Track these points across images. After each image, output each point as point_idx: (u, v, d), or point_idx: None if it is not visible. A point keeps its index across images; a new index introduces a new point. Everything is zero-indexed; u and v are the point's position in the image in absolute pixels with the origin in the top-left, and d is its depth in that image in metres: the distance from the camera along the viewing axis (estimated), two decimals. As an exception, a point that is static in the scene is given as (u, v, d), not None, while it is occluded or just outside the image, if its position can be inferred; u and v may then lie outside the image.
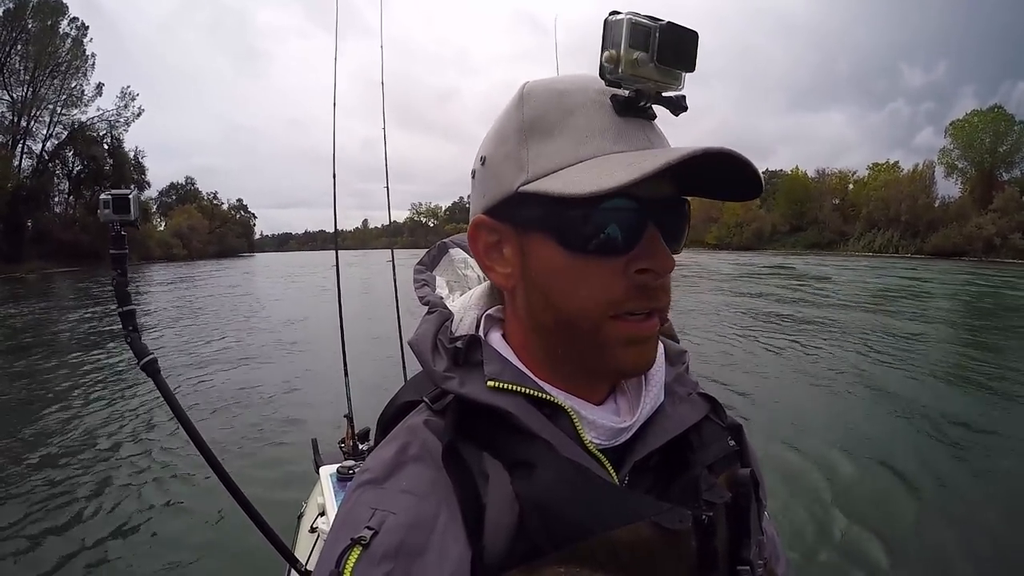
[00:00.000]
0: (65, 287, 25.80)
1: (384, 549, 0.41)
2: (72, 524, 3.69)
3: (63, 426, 5.68)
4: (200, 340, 10.60)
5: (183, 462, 4.47)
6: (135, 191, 1.68)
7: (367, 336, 7.01)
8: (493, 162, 0.50)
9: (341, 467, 2.22)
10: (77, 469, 4.59)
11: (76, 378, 7.76)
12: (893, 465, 4.37)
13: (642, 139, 0.46)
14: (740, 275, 25.47)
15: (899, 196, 54.83)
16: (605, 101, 0.47)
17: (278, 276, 32.23)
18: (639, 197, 0.45)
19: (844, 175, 69.40)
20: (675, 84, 0.46)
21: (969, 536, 3.43)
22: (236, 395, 6.72)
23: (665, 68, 0.44)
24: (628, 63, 0.43)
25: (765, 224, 70.12)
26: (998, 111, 54.90)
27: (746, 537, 0.51)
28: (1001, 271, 28.49)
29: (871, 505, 3.79)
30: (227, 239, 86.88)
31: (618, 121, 0.46)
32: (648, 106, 0.47)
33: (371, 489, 0.46)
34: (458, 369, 0.50)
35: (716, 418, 0.57)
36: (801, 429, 5.22)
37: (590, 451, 0.48)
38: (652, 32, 0.43)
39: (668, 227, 0.47)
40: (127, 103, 50.94)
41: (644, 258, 0.46)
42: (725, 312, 13.43)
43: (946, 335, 10.48)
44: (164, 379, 1.74)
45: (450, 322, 0.56)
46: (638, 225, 0.46)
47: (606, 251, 0.45)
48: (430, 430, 0.49)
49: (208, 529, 3.54)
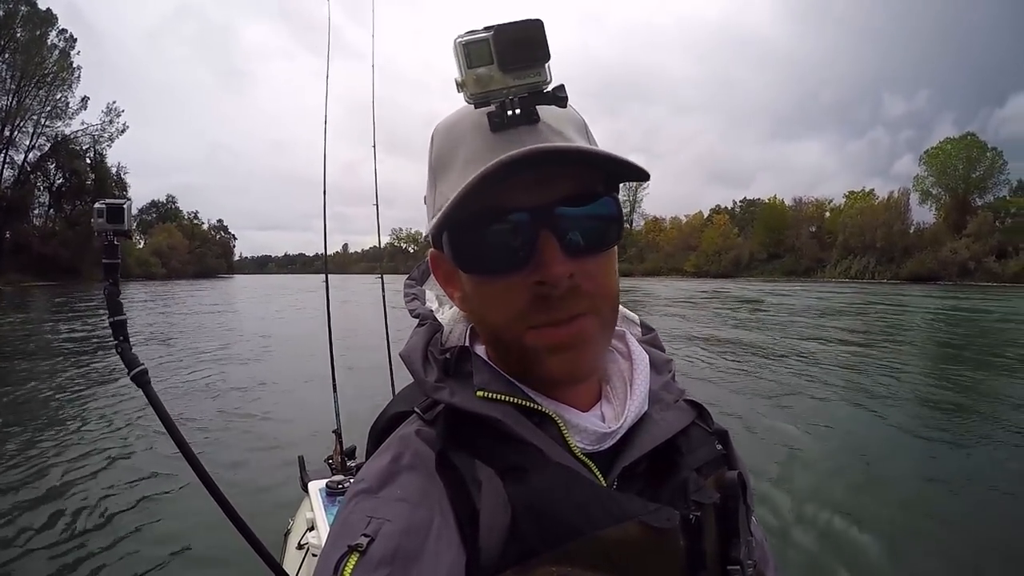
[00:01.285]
0: (43, 301, 25.28)
1: (380, 555, 0.41)
2: (57, 537, 3.59)
3: (49, 438, 5.53)
4: (185, 357, 10.42)
5: (170, 474, 4.37)
6: (129, 201, 1.68)
7: (355, 359, 6.98)
8: (426, 204, 0.54)
9: (330, 482, 2.20)
10: (62, 481, 4.46)
11: (61, 389, 7.58)
12: (873, 472, 4.47)
13: (516, 148, 0.43)
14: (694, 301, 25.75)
15: (874, 223, 56.27)
16: (483, 122, 0.46)
17: (261, 297, 31.86)
18: (527, 207, 0.45)
19: (821, 203, 71.33)
20: (537, 81, 0.44)
21: (951, 541, 3.50)
22: (221, 412, 6.61)
23: (514, 71, 0.43)
24: (472, 83, 0.43)
25: (743, 252, 71.48)
26: (971, 138, 56.92)
27: (735, 537, 0.52)
28: (982, 294, 29.19)
29: (855, 512, 3.84)
30: (206, 259, 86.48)
31: (493, 139, 0.46)
32: (518, 113, 0.45)
33: (366, 498, 0.46)
34: (448, 380, 0.51)
35: (703, 423, 0.58)
36: (782, 441, 5.26)
37: (577, 456, 0.49)
38: (488, 42, 0.43)
39: (571, 230, 0.46)
40: (112, 119, 50.85)
41: (537, 271, 0.45)
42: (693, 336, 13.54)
43: (921, 355, 10.71)
44: (154, 390, 1.73)
45: (440, 334, 0.57)
46: (528, 237, 0.45)
47: (503, 269, 0.47)
48: (422, 439, 0.50)
49: (196, 543, 3.46)
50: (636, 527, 0.45)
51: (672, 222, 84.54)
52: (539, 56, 0.43)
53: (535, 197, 0.45)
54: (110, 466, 4.84)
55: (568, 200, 0.46)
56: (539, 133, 0.46)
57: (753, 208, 79.31)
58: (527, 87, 0.44)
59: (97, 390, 7.66)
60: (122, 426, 5.91)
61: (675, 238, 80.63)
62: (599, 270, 0.49)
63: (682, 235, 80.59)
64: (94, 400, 7.11)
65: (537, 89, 0.45)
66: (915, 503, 4.14)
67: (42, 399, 7.26)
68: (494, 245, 0.46)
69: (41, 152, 47.37)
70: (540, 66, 0.44)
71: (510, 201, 0.45)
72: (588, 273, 0.47)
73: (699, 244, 76.20)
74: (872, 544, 3.47)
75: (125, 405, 6.51)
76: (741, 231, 76.04)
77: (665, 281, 47.03)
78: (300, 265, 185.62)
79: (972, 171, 55.49)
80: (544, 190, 0.45)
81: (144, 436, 5.40)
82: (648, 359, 0.58)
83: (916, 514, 3.96)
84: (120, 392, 7.03)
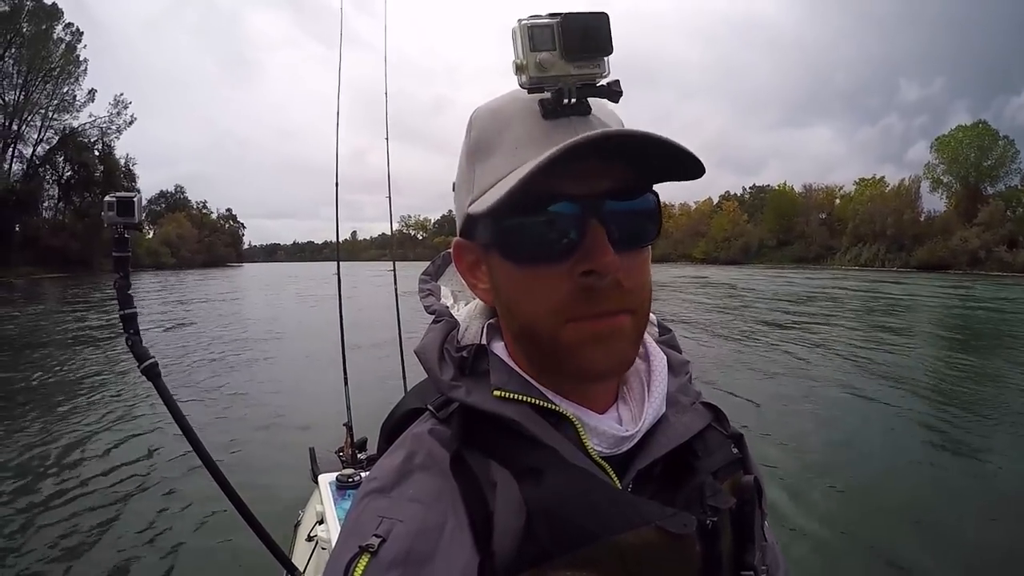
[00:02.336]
0: (55, 293, 25.52)
1: (392, 556, 0.41)
2: (67, 528, 3.64)
3: (60, 429, 5.61)
4: (197, 348, 10.51)
5: (181, 467, 4.41)
6: (139, 194, 1.68)
7: (366, 345, 7.00)
8: (457, 188, 0.53)
9: (341, 475, 2.20)
10: (73, 473, 4.53)
11: (73, 382, 7.68)
12: (883, 470, 4.43)
13: (571, 137, 0.42)
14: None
15: (885, 211, 55.64)
16: (535, 108, 0.46)
17: (277, 287, 32.00)
18: (577, 196, 0.45)
19: (831, 190, 70.59)
20: (595, 73, 0.44)
21: (964, 542, 3.46)
22: (232, 404, 6.67)
23: (577, 60, 0.43)
24: (533, 67, 0.43)
25: (752, 238, 70.92)
26: (983, 127, 56.06)
27: (750, 542, 0.51)
28: (991, 283, 28.91)
29: (867, 512, 3.82)
30: (216, 248, 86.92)
31: (546, 125, 0.46)
32: (574, 102, 0.45)
33: (378, 497, 0.46)
34: (464, 378, 0.51)
35: (719, 427, 0.57)
36: (791, 434, 5.25)
37: (593, 459, 0.48)
38: (554, 29, 0.43)
39: (616, 224, 0.46)
40: (119, 110, 50.95)
41: (586, 260, 0.45)
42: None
43: (933, 343, 10.62)
44: (165, 383, 1.73)
45: (456, 331, 0.56)
46: (577, 227, 0.45)
47: (547, 258, 0.46)
48: (435, 439, 0.50)
49: (205, 535, 3.50)
50: (653, 532, 0.44)
51: (681, 208, 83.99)
52: (603, 48, 0.43)
53: (585, 187, 0.45)
54: (120, 457, 4.91)
55: (616, 193, 0.46)
56: (591, 124, 0.46)
57: (763, 194, 78.58)
58: (585, 77, 0.44)
59: (109, 381, 7.76)
60: (132, 418, 5.98)
61: (684, 224, 80.00)
62: (638, 267, 0.48)
63: (691, 221, 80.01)
64: (106, 392, 7.21)
65: (593, 81, 0.44)
66: (917, 494, 4.12)
67: (55, 390, 7.36)
68: (541, 233, 0.45)
69: (49, 145, 47.64)
70: (601, 58, 0.44)
71: (560, 189, 0.44)
72: (629, 269, 0.47)
73: (708, 231, 75.69)
74: (878, 542, 3.45)
75: (136, 397, 6.58)
76: (750, 218, 75.46)
77: (672, 269, 46.99)
78: (309, 253, 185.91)
79: (984, 160, 54.68)
80: (595, 180, 0.45)
81: (154, 428, 5.45)
82: (666, 360, 0.57)
83: (921, 508, 3.93)
84: (131, 384, 7.10)
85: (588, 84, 0.45)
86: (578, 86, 0.45)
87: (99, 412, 6.28)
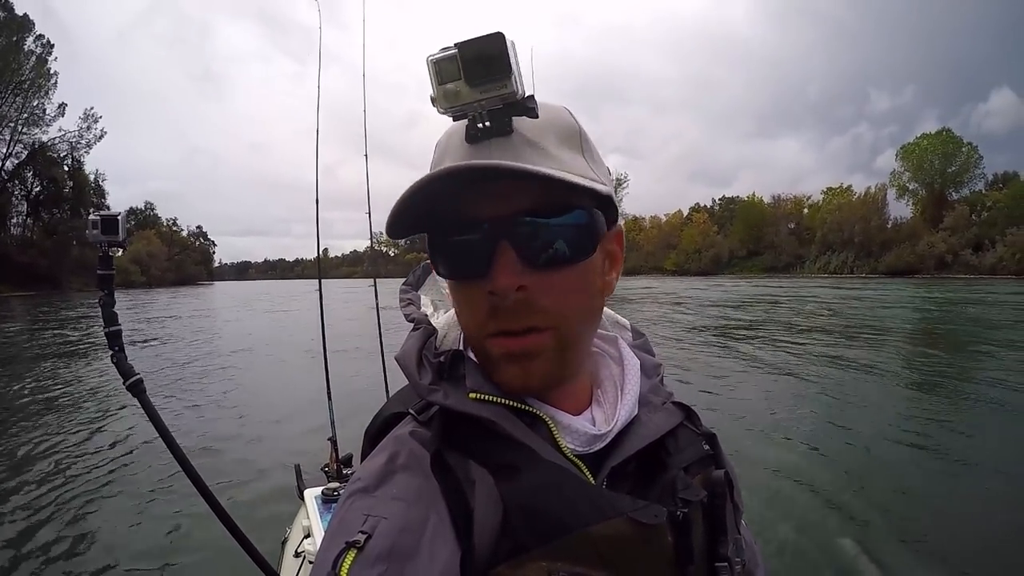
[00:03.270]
0: (24, 311, 24.75)
1: (378, 552, 0.42)
2: (51, 550, 3.55)
3: (43, 448, 5.46)
4: (177, 366, 10.27)
5: (166, 483, 4.33)
6: (123, 212, 1.68)
7: (347, 366, 6.95)
8: None
9: (326, 489, 2.20)
10: (56, 492, 4.40)
11: (54, 398, 7.48)
12: (858, 469, 4.53)
13: (486, 159, 0.45)
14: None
15: (852, 219, 57.09)
16: (463, 133, 0.49)
17: (247, 304, 31.48)
18: (485, 219, 0.47)
19: (799, 200, 72.44)
20: (502, 94, 0.45)
21: (941, 538, 3.54)
22: (217, 421, 6.54)
23: (480, 85, 0.44)
24: (442, 98, 0.45)
25: (723, 249, 72.37)
26: (946, 134, 58.07)
27: (723, 535, 0.54)
28: (959, 285, 29.76)
29: (844, 513, 3.89)
30: (186, 266, 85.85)
31: (467, 151, 0.48)
32: (487, 126, 0.47)
33: (363, 497, 0.47)
34: (442, 382, 0.52)
35: (691, 425, 0.60)
36: (767, 436, 5.34)
37: (567, 456, 0.50)
38: (456, 59, 0.44)
39: (530, 243, 0.47)
40: (89, 125, 49.96)
41: (490, 280, 0.47)
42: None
43: (902, 342, 10.92)
44: (150, 400, 1.72)
45: (434, 338, 0.59)
46: (484, 248, 0.47)
47: (466, 276, 0.50)
48: (417, 440, 0.51)
49: (192, 553, 3.43)
50: (625, 523, 0.46)
51: (652, 221, 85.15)
52: (499, 69, 0.44)
53: (495, 208, 0.47)
54: (106, 475, 4.79)
55: (532, 212, 0.47)
56: (511, 145, 0.47)
57: (733, 206, 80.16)
58: (498, 99, 0.45)
59: (91, 399, 7.57)
60: (118, 435, 5.84)
61: (655, 237, 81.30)
62: (562, 285, 0.48)
63: (662, 234, 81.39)
64: (88, 410, 7.03)
65: (509, 100, 0.45)
66: (901, 495, 4.21)
67: (36, 409, 7.15)
68: (458, 253, 0.49)
69: (18, 160, 46.47)
70: (504, 78, 0.44)
71: (474, 211, 0.47)
72: (547, 287, 0.48)
73: (679, 242, 76.96)
74: (859, 543, 3.48)
75: (121, 414, 6.44)
76: (720, 229, 76.86)
77: (642, 281, 47.36)
78: (280, 270, 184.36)
79: (948, 166, 56.60)
80: (505, 202, 0.47)
81: (140, 445, 5.34)
82: (639, 364, 0.60)
83: (903, 508, 4.00)
84: (116, 401, 6.96)
85: (508, 104, 0.45)
86: (494, 108, 0.45)
87: (81, 429, 6.12)
